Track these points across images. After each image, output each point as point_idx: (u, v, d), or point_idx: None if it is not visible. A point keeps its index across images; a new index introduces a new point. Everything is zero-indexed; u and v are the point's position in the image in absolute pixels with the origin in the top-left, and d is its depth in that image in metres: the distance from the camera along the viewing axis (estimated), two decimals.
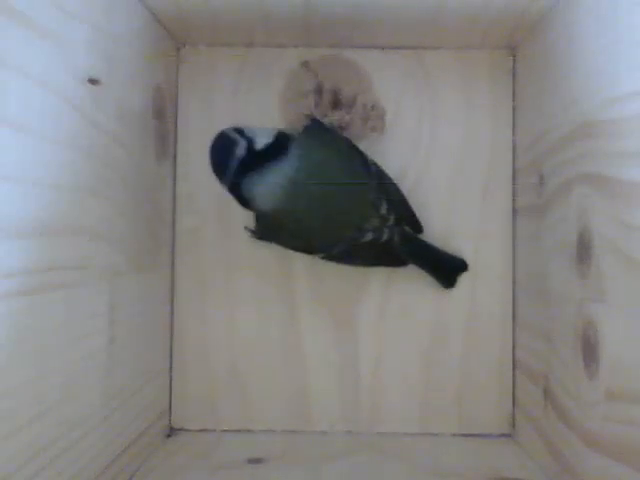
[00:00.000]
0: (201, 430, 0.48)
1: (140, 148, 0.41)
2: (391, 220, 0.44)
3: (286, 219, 0.42)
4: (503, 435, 0.47)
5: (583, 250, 0.34)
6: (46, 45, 0.28)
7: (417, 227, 0.47)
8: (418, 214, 0.47)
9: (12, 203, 0.26)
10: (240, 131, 0.41)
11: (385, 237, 0.44)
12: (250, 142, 0.40)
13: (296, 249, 0.45)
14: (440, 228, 0.48)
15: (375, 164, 0.45)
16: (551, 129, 0.40)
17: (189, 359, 0.48)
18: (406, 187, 0.48)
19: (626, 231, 0.30)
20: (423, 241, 0.47)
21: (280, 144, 0.41)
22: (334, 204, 0.42)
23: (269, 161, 0.40)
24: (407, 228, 0.46)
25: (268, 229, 0.45)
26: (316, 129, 0.44)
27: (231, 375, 0.48)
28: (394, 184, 0.46)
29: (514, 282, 0.48)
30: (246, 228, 0.46)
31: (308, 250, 0.45)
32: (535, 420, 0.42)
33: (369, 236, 0.44)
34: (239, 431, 0.47)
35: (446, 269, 0.48)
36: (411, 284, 0.48)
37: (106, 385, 0.35)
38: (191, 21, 0.44)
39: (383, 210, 0.44)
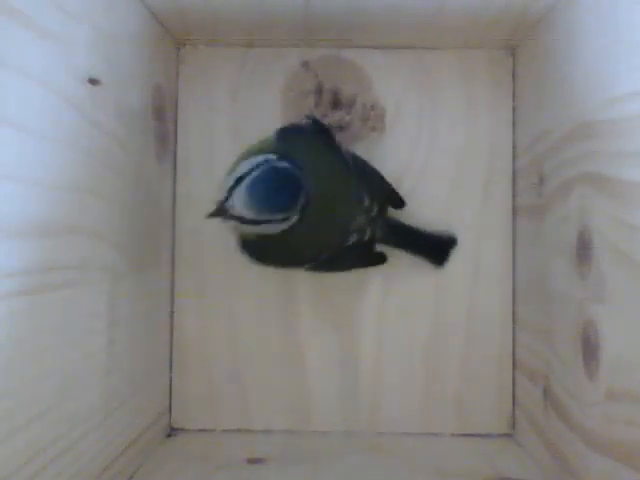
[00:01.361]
0: (201, 430, 0.48)
1: (140, 148, 0.41)
2: (374, 211, 0.44)
3: (278, 235, 0.39)
4: (503, 435, 0.47)
5: (583, 250, 0.34)
6: (46, 45, 0.28)
7: (399, 203, 0.46)
8: (418, 214, 0.47)
9: (12, 203, 0.26)
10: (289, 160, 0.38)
11: (367, 236, 0.44)
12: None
13: (283, 265, 0.44)
14: (440, 228, 0.48)
15: (348, 151, 0.44)
16: (551, 129, 0.40)
17: (189, 359, 0.48)
18: (406, 187, 0.48)
19: (626, 231, 0.30)
20: (406, 226, 0.46)
21: None
22: (324, 209, 0.40)
23: None
24: (390, 217, 0.46)
25: (255, 251, 0.42)
26: (290, 133, 0.42)
27: (231, 375, 0.48)
28: (370, 167, 0.45)
29: (514, 282, 0.48)
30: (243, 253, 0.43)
31: (295, 262, 0.44)
32: (535, 420, 0.42)
33: (354, 237, 0.43)
34: (239, 431, 0.47)
35: (435, 248, 0.47)
36: (411, 284, 0.48)
37: (106, 385, 0.35)
38: (191, 21, 0.44)
39: (366, 203, 0.43)
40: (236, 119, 0.48)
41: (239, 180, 0.37)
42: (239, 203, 0.36)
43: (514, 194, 0.48)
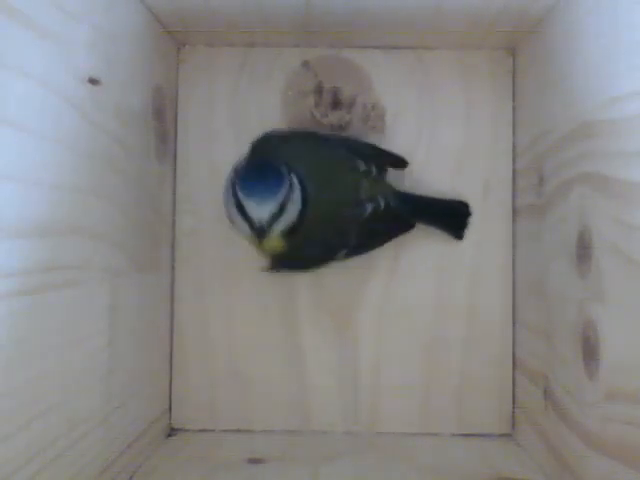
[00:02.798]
0: (201, 430, 0.48)
1: (140, 148, 0.41)
2: (374, 172, 0.44)
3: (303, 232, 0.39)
4: (503, 435, 0.47)
5: (583, 250, 0.34)
6: (46, 45, 0.28)
7: (401, 163, 0.47)
8: None
9: (12, 203, 0.26)
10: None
11: (383, 205, 0.44)
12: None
13: (320, 263, 0.45)
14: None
15: (332, 134, 0.45)
16: (551, 129, 0.40)
17: (189, 359, 0.48)
18: (406, 187, 0.48)
19: (626, 231, 0.30)
20: (419, 196, 0.47)
21: None
22: (328, 187, 0.41)
23: None
24: (403, 191, 0.46)
25: (287, 261, 0.43)
26: (260, 142, 0.42)
27: (231, 375, 0.48)
28: (357, 140, 0.46)
29: (514, 282, 0.48)
30: (264, 269, 0.44)
31: (328, 255, 0.44)
32: (535, 420, 0.42)
33: (370, 207, 0.43)
34: (239, 431, 0.47)
35: (451, 217, 0.48)
36: (411, 284, 0.48)
37: (106, 385, 0.35)
38: (191, 21, 0.44)
39: (362, 167, 0.44)
40: (236, 119, 0.48)
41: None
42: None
43: (514, 194, 0.48)
